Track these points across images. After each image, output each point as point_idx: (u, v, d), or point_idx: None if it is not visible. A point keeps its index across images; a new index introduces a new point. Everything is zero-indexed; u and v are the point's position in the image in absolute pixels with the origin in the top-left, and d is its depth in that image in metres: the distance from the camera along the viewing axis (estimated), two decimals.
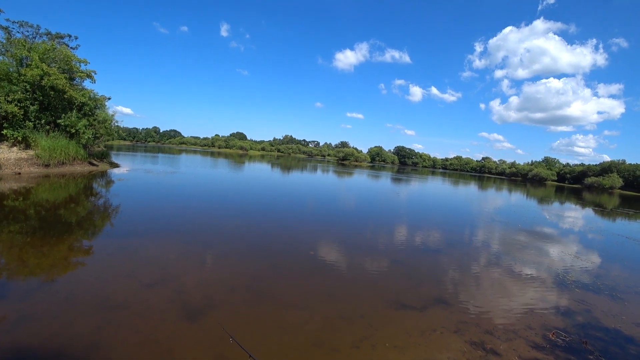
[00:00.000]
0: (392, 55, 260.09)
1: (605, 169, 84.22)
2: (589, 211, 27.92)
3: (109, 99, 24.99)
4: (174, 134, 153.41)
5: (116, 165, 24.84)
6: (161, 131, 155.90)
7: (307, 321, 5.01)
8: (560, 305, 6.61)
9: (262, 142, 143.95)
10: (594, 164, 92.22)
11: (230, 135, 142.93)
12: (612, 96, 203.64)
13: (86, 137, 20.60)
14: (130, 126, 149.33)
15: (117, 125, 25.82)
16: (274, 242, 9.09)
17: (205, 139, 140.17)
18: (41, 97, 18.91)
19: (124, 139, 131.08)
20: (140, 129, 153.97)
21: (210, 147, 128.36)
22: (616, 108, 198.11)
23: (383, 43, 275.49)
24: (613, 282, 8.43)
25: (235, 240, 8.92)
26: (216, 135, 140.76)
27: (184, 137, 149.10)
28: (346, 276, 7.03)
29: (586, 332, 5.60)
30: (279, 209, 14.26)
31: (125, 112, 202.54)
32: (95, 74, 23.26)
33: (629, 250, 13.01)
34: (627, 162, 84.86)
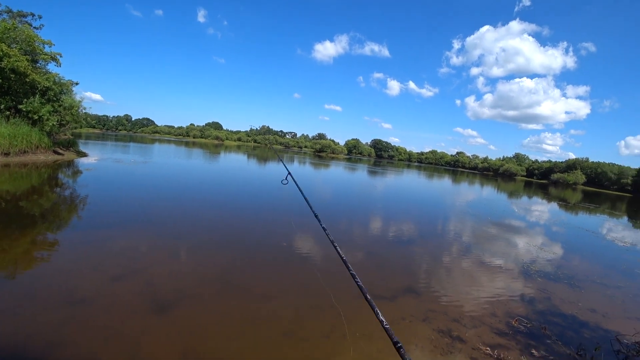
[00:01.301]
0: (372, 48, 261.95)
1: (570, 166, 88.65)
2: (554, 205, 29.33)
3: (77, 84, 23.85)
4: (146, 123, 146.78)
5: (84, 155, 23.75)
6: (133, 119, 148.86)
7: (278, 312, 5.01)
8: (524, 294, 6.94)
9: (238, 132, 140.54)
10: (560, 161, 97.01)
11: (206, 124, 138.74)
12: (579, 97, 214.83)
13: (50, 124, 19.52)
14: (100, 113, 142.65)
15: (86, 112, 24.66)
16: (247, 233, 9.00)
17: (179, 128, 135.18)
18: (0, 81, 17.75)
19: (93, 127, 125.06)
20: (111, 116, 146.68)
21: (185, 136, 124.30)
22: (582, 109, 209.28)
23: (363, 36, 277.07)
24: (572, 272, 8.93)
25: (208, 231, 8.78)
26: (191, 124, 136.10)
27: (157, 126, 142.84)
28: (319, 267, 7.07)
29: (546, 318, 5.91)
30: (253, 200, 14.13)
31: (94, 99, 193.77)
32: (60, 56, 21.98)
33: (588, 242, 13.80)
34: (590, 160, 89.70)
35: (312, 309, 5.20)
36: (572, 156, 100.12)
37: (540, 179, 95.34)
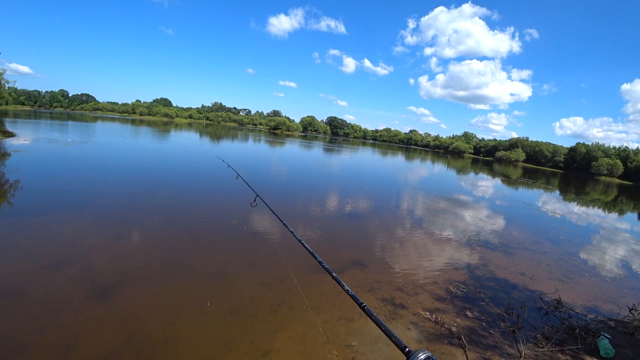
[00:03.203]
0: (328, 23, 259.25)
1: (512, 145, 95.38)
2: (497, 181, 31.55)
3: None
4: (86, 99, 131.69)
5: (11, 135, 21.35)
6: (70, 95, 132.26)
7: (226, 290, 4.97)
8: (463, 262, 7.47)
9: (189, 109, 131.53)
10: (504, 139, 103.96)
11: (154, 101, 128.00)
12: (523, 80, 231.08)
13: None
14: (30, 88, 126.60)
15: (11, 87, 22.12)
16: (196, 213, 8.72)
17: (124, 105, 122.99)
18: None
19: (23, 104, 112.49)
20: (43, 92, 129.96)
21: (131, 114, 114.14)
22: (525, 91, 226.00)
23: (319, 10, 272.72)
24: (508, 240, 9.74)
25: (154, 213, 8.39)
26: (137, 101, 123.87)
27: (98, 102, 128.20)
28: (269, 244, 7.07)
29: (481, 283, 6.43)
30: (204, 179, 13.71)
31: (21, 71, 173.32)
32: None
33: (524, 213, 15.08)
34: (530, 139, 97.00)
35: (260, 286, 5.22)
36: (515, 135, 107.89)
37: (486, 156, 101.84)
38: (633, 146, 77.61)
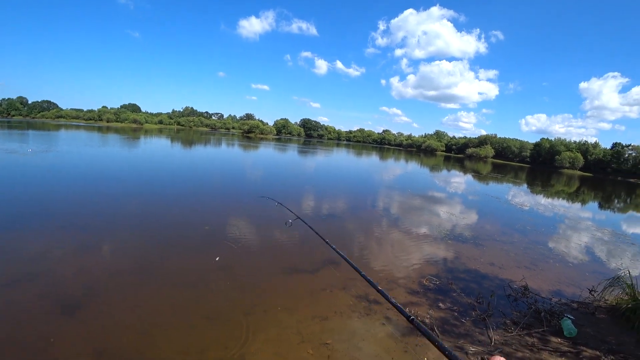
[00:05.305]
0: (299, 25, 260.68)
1: (482, 142, 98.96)
2: (469, 177, 32.57)
3: None
4: (47, 106, 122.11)
5: None
6: (30, 102, 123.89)
7: (200, 296, 4.86)
8: (436, 256, 7.65)
9: (159, 114, 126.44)
10: (474, 137, 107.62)
11: (121, 107, 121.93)
12: (490, 80, 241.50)
13: None
14: None
15: None
16: (165, 220, 8.45)
17: (90, 111, 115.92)
18: None
19: None
20: (0, 99, 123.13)
21: (97, 121, 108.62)
22: (492, 90, 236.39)
23: (290, 12, 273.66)
24: (478, 233, 10.06)
25: (122, 222, 8.06)
26: (103, 107, 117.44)
27: (61, 109, 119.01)
28: (242, 248, 6.93)
29: (453, 275, 6.60)
30: (175, 186, 13.31)
31: None
32: None
33: (494, 207, 15.64)
34: (498, 136, 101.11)
35: (234, 290, 5.12)
36: (484, 133, 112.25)
37: (457, 153, 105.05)
38: (592, 140, 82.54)
